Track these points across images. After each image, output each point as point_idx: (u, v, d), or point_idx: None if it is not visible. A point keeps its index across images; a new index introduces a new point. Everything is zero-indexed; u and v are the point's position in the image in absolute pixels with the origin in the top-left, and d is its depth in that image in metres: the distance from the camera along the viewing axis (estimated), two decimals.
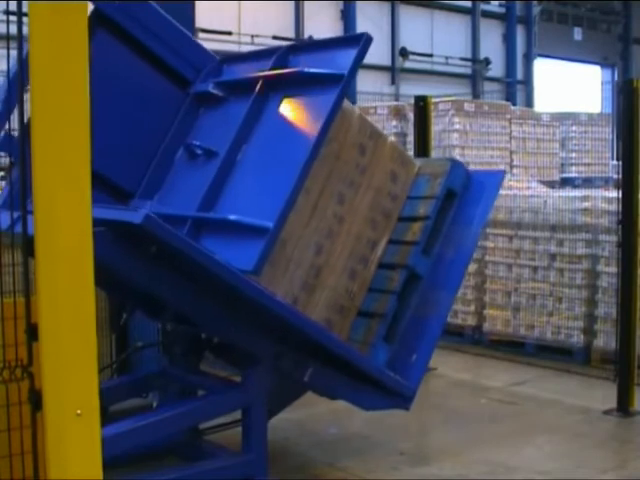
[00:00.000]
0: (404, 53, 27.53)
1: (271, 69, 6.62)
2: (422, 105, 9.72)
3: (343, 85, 6.14)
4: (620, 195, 8.16)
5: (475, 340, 11.02)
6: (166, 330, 7.16)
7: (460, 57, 29.45)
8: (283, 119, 6.45)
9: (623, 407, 8.12)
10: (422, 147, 9.65)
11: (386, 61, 27.65)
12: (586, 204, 10.12)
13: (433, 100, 10.36)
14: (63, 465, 3.30)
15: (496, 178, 7.49)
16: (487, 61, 30.22)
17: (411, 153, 10.44)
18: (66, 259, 3.27)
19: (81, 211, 3.29)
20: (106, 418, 4.77)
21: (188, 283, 5.88)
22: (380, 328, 6.52)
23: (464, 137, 16.29)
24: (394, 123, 16.66)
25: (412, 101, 10.18)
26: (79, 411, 3.29)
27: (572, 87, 33.25)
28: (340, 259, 6.52)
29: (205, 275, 5.62)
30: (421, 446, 7.44)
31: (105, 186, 6.58)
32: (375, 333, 6.50)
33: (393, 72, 27.74)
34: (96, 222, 5.42)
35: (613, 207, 8.95)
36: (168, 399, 6.91)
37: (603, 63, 35.50)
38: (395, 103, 20.10)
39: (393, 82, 27.83)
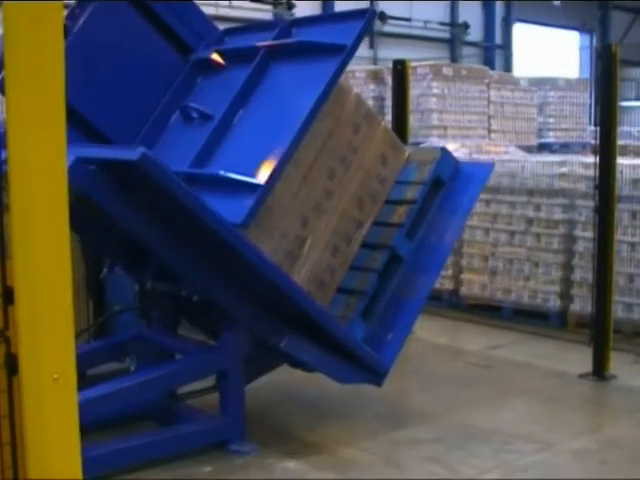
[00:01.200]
0: (382, 17, 27.37)
1: (274, 40, 6.73)
2: (400, 69, 9.69)
3: (346, 54, 6.27)
4: (597, 160, 8.16)
5: (452, 304, 11.05)
6: (144, 291, 7.15)
7: (439, 21, 29.32)
8: (282, 86, 6.54)
9: (598, 371, 8.17)
10: (400, 111, 9.63)
11: None
12: (563, 169, 10.13)
13: (411, 64, 10.32)
14: (40, 430, 3.29)
15: (485, 170, 7.54)
16: (466, 25, 30.10)
17: (389, 117, 10.43)
18: (42, 221, 3.24)
19: (57, 171, 3.26)
20: (83, 382, 4.77)
21: (175, 233, 5.92)
22: (359, 305, 6.57)
23: (442, 101, 16.29)
24: (372, 87, 16.64)
25: (390, 65, 10.15)
26: (56, 376, 3.27)
27: (550, 52, 33.22)
28: (325, 234, 6.56)
29: (193, 224, 5.66)
30: (399, 410, 7.47)
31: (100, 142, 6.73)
32: (353, 309, 6.53)
33: (371, 36, 27.61)
34: (91, 162, 5.51)
35: (590, 172, 8.96)
36: (145, 363, 6.90)
37: (581, 28, 35.43)
38: (373, 67, 20.05)
39: (371, 46, 27.71)
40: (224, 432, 6.41)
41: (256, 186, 5.86)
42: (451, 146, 12.77)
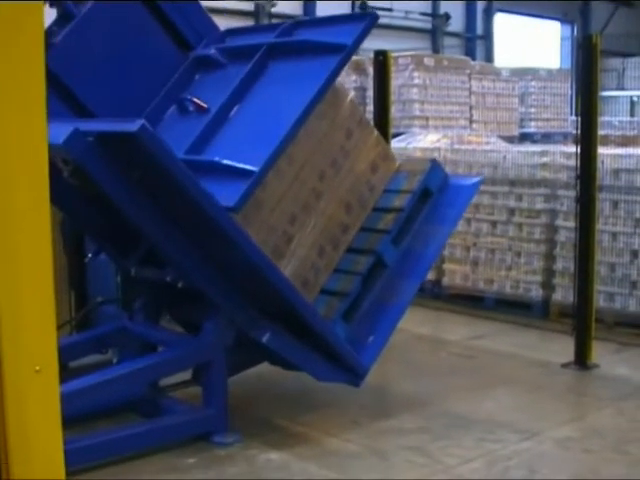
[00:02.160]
0: (363, 7, 27.31)
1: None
2: (382, 59, 9.67)
3: (346, 53, 6.35)
4: (578, 150, 8.18)
5: (435, 294, 11.06)
6: (128, 279, 7.16)
7: (420, 12, 29.29)
8: (281, 82, 6.59)
9: (581, 360, 8.21)
10: (381, 102, 9.61)
11: None
12: (545, 159, 10.15)
13: (393, 55, 10.32)
14: (21, 422, 3.28)
15: (472, 184, 7.61)
16: (447, 16, 30.05)
17: (370, 108, 10.43)
18: (22, 212, 3.22)
19: (38, 160, 3.24)
20: (65, 375, 4.75)
21: (166, 213, 5.95)
22: (341, 306, 6.59)
23: (424, 92, 16.30)
24: (353, 77, 16.62)
25: (372, 55, 10.13)
26: (38, 367, 3.26)
27: (532, 43, 33.25)
28: (312, 234, 6.62)
29: (184, 202, 5.71)
30: (382, 400, 7.48)
31: None
32: (335, 310, 6.55)
33: None
34: (89, 134, 5.55)
35: (571, 162, 8.97)
36: (128, 355, 6.89)
37: (563, 19, 35.46)
38: (354, 57, 19.99)
39: None
40: (207, 423, 6.41)
41: (250, 172, 5.90)
42: (433, 136, 12.83)
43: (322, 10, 26.28)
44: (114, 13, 6.91)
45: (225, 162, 6.05)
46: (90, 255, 7.29)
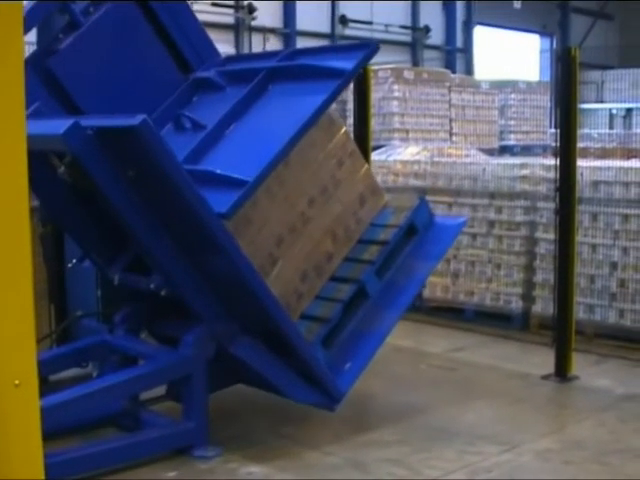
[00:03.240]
0: (344, 20, 27.37)
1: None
2: (361, 72, 9.67)
3: (345, 78, 6.50)
4: (558, 163, 8.21)
5: (415, 307, 11.01)
6: (110, 288, 7.18)
7: (400, 25, 29.36)
8: (279, 103, 6.68)
9: (561, 372, 8.22)
10: (362, 114, 9.62)
11: (326, 28, 27.52)
12: (524, 171, 10.18)
13: (373, 68, 10.34)
14: (2, 436, 3.27)
15: (457, 225, 7.86)
16: (427, 29, 30.14)
17: (350, 120, 10.44)
18: (1, 225, 3.21)
19: (17, 172, 3.23)
20: (45, 388, 4.73)
21: (157, 215, 6.01)
22: (321, 331, 6.60)
23: (404, 105, 16.34)
24: None
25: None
26: (17, 381, 3.25)
27: (511, 55, 33.39)
28: (297, 258, 6.68)
29: (176, 204, 5.79)
30: (362, 412, 7.48)
31: None
32: (315, 334, 6.57)
33: (333, 39, 27.57)
34: (88, 128, 5.60)
35: (551, 174, 9.02)
36: (108, 369, 6.86)
37: (542, 32, 35.60)
38: None
39: None
40: (188, 437, 6.39)
41: (243, 182, 5.95)
42: (413, 149, 12.85)
43: (302, 23, 26.36)
44: (119, 28, 7.02)
45: (219, 172, 6.09)
46: (74, 261, 7.28)
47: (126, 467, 6.08)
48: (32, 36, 7.25)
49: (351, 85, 8.81)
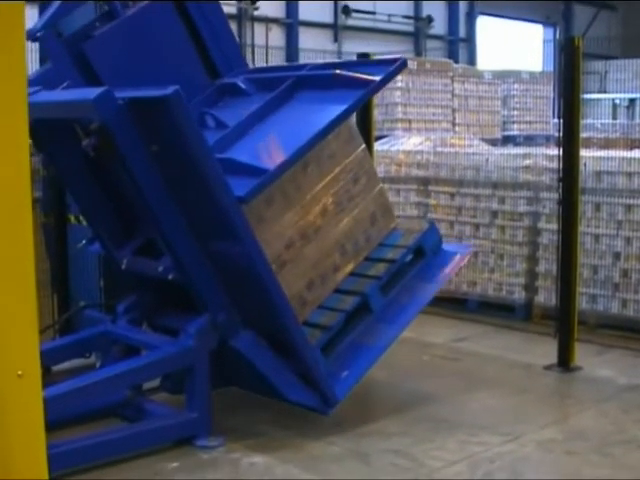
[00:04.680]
0: (346, 11, 27.33)
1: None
2: None
3: (373, 87, 6.67)
4: (561, 153, 8.20)
5: None
6: (113, 280, 7.18)
7: (403, 15, 29.32)
8: (302, 108, 6.78)
9: (563, 362, 8.22)
10: (364, 105, 9.60)
11: (328, 18, 27.49)
12: (527, 162, 10.17)
13: (376, 57, 10.32)
14: (4, 427, 3.27)
15: (465, 251, 7.99)
16: (430, 19, 30.09)
17: None
18: (3, 216, 3.21)
19: (19, 164, 3.23)
20: (48, 379, 4.74)
21: (174, 195, 6.09)
22: (321, 338, 6.62)
23: (406, 95, 16.28)
24: None
25: (355, 58, 10.14)
26: (20, 372, 3.25)
27: (514, 45, 33.30)
28: (304, 265, 6.73)
29: (195, 185, 5.89)
30: (365, 403, 7.48)
31: None
32: (316, 340, 6.56)
33: (336, 30, 27.57)
34: (120, 99, 5.76)
35: (554, 165, 9.00)
36: (111, 359, 6.87)
37: (545, 22, 35.52)
38: (338, 61, 20.01)
39: (336, 40, 27.65)
40: (190, 428, 6.40)
41: (263, 170, 6.05)
42: (415, 139, 12.83)
43: (304, 13, 26.33)
44: (154, 25, 7.18)
45: (241, 160, 6.17)
46: (83, 242, 7.30)
47: (129, 457, 6.09)
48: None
49: None
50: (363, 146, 7.31)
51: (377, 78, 6.61)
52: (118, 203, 6.82)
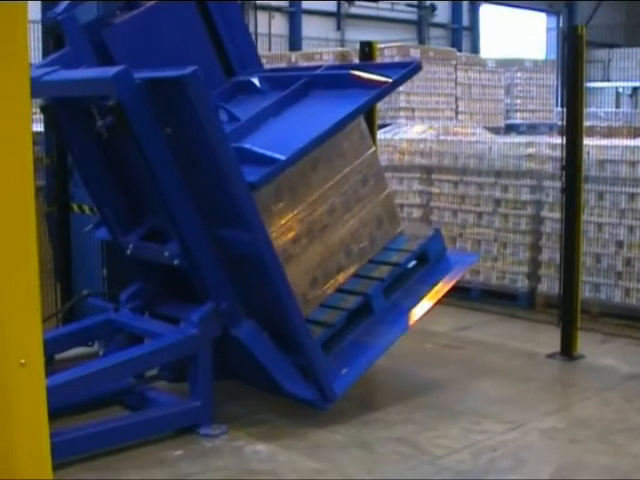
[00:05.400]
0: None
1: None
2: (368, 51, 9.65)
3: (386, 87, 6.76)
4: (564, 141, 8.20)
5: None
6: (116, 267, 7.19)
7: (406, 3, 29.33)
8: (315, 105, 6.86)
9: (566, 351, 8.23)
10: None
11: (331, 7, 27.51)
12: (530, 150, 10.16)
13: (379, 46, 10.29)
14: (7, 415, 3.28)
15: (469, 259, 8.23)
16: (433, 7, 30.10)
17: None
18: (7, 205, 3.21)
19: (22, 156, 3.23)
20: (51, 367, 4.74)
21: (185, 179, 6.15)
22: (322, 335, 6.62)
23: (409, 83, 16.21)
24: None
25: (358, 47, 10.12)
26: (23, 360, 3.26)
27: (517, 34, 33.27)
28: (309, 262, 6.76)
29: (207, 168, 5.96)
30: (368, 391, 7.48)
31: None
32: (316, 336, 6.56)
33: (339, 18, 27.59)
34: (139, 79, 5.86)
35: (557, 153, 9.00)
36: (114, 347, 6.88)
37: (548, 10, 35.52)
38: (341, 49, 20.02)
39: (339, 28, 27.69)
40: (194, 415, 6.41)
41: (275, 159, 6.11)
42: (419, 128, 12.82)
43: (308, 2, 26.29)
44: (174, 18, 7.26)
45: (253, 149, 6.22)
46: (90, 226, 7.31)
47: (132, 446, 6.10)
48: (37, 14, 7.33)
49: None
50: (373, 149, 7.39)
51: (390, 79, 6.68)
52: (128, 188, 6.84)
